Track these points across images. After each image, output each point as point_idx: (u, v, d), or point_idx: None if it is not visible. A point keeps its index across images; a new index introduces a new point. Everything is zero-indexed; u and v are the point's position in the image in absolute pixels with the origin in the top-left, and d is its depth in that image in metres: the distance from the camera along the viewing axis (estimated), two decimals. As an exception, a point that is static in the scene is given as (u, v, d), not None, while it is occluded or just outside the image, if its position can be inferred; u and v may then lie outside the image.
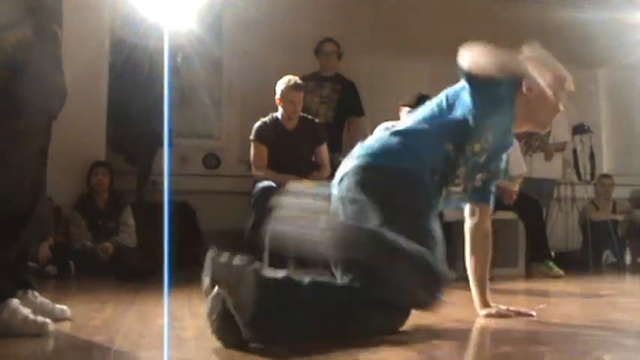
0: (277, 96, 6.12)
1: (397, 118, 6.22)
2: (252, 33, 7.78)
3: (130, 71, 7.01)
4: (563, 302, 4.60)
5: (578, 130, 8.78)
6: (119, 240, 6.46)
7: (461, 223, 3.32)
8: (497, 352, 2.35)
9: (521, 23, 8.86)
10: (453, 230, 4.75)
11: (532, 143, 7.75)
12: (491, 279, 5.90)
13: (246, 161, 6.51)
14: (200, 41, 6.95)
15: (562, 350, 2.36)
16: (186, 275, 3.69)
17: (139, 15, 6.57)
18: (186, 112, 7.95)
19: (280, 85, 6.11)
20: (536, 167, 7.53)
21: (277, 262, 6.00)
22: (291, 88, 6.10)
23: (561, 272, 6.45)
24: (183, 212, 7.37)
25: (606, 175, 8.83)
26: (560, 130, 7.89)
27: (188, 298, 4.00)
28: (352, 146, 3.01)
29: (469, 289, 3.26)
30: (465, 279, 3.30)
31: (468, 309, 3.24)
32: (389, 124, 6.35)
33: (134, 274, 5.60)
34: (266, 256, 5.88)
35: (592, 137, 8.95)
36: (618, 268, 8.08)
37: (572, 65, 3.09)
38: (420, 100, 6.24)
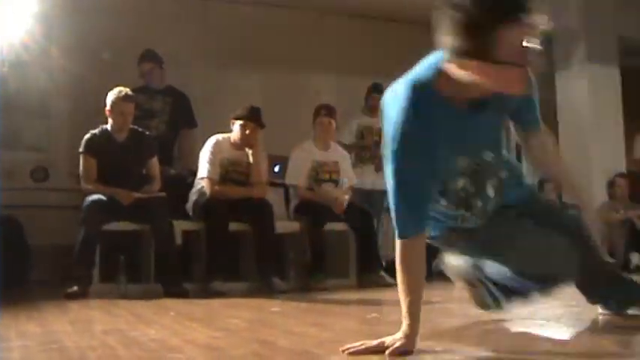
0: (107, 107, 6.00)
1: (229, 130, 6.28)
2: (82, 43, 7.62)
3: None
4: (394, 310, 4.68)
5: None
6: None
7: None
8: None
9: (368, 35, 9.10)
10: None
11: (363, 155, 7.88)
12: (324, 289, 5.99)
13: (75, 174, 6.35)
14: (28, 50, 6.75)
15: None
16: (13, 293, 3.56)
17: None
18: (13, 124, 7.69)
19: (110, 97, 6.00)
20: (367, 178, 7.63)
21: (109, 275, 5.91)
22: (122, 99, 6.00)
23: (393, 281, 6.57)
24: (9, 227, 7.12)
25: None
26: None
27: (15, 317, 3.87)
28: (184, 158, 2.96)
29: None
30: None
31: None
32: (219, 136, 6.38)
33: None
34: (96, 270, 5.81)
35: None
36: (446, 275, 8.34)
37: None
38: (253, 112, 6.29)
